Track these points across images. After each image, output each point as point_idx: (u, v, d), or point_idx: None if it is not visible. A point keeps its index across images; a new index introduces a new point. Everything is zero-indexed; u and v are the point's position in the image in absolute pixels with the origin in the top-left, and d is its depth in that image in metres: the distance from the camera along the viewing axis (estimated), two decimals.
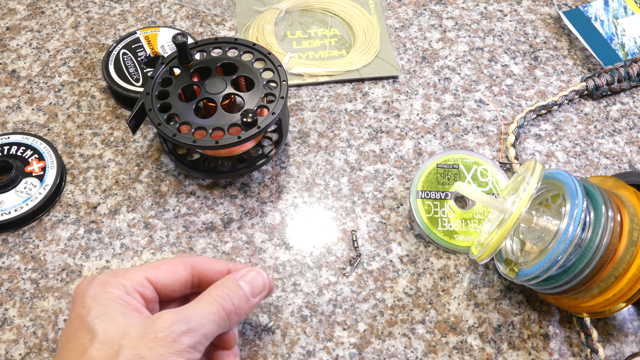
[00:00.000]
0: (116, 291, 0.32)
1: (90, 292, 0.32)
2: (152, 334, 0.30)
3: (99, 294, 0.32)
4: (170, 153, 0.48)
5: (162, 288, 0.35)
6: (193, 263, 0.36)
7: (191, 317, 0.32)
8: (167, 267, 0.35)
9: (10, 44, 0.58)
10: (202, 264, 0.36)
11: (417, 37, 0.59)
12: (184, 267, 0.36)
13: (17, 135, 0.50)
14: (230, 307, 0.34)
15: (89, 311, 0.31)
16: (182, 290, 0.36)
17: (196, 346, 0.31)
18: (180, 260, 0.36)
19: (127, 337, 0.30)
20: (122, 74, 0.53)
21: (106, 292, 0.32)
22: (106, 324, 0.31)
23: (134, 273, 0.34)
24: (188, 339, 0.31)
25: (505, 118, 0.54)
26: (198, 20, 0.60)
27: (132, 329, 0.30)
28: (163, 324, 0.31)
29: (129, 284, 0.33)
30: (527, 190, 0.37)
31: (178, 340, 0.30)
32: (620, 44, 0.58)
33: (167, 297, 0.36)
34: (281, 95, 0.45)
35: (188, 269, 0.36)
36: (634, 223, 0.37)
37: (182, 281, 0.35)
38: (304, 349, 0.42)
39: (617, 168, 0.51)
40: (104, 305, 0.32)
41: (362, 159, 0.51)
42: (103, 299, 0.32)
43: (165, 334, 0.30)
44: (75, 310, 0.32)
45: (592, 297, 0.38)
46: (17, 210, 0.46)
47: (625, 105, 0.55)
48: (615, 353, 0.42)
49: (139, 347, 0.30)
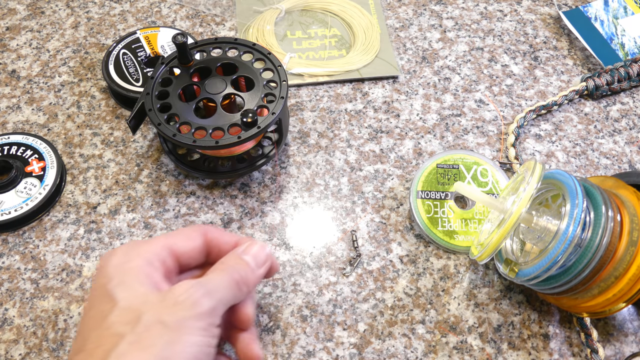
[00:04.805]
0: (138, 261, 0.33)
1: (113, 262, 0.33)
2: (172, 299, 0.31)
3: (121, 263, 0.33)
4: (170, 153, 0.48)
5: (181, 256, 0.35)
6: (206, 231, 0.37)
7: (207, 282, 0.33)
8: (184, 235, 0.36)
9: (10, 44, 0.58)
10: (213, 233, 0.37)
11: (417, 37, 0.59)
12: (199, 234, 0.37)
13: (17, 135, 0.50)
14: (238, 277, 0.34)
15: (110, 280, 0.32)
16: (198, 259, 0.37)
17: (215, 310, 0.32)
18: (194, 228, 0.37)
19: (148, 303, 0.31)
20: (122, 74, 0.53)
21: (128, 261, 0.33)
22: (127, 292, 0.31)
23: (155, 243, 0.35)
24: (207, 302, 0.31)
25: (505, 118, 0.54)
26: (198, 20, 0.60)
27: (152, 296, 0.31)
28: (181, 289, 0.31)
29: (151, 255, 0.34)
30: (527, 190, 0.37)
31: (198, 302, 0.31)
32: (620, 44, 0.58)
33: (185, 266, 0.36)
34: (281, 95, 0.45)
35: (202, 236, 0.37)
36: (634, 223, 0.37)
37: (198, 249, 0.36)
38: (304, 349, 0.42)
39: (617, 168, 0.51)
40: (125, 274, 0.32)
41: (362, 159, 0.51)
42: (124, 268, 0.33)
43: (185, 297, 0.31)
44: (97, 280, 0.33)
45: (592, 297, 0.38)
46: (17, 210, 0.46)
47: (625, 105, 0.55)
48: (615, 353, 0.42)
49: (160, 312, 0.30)
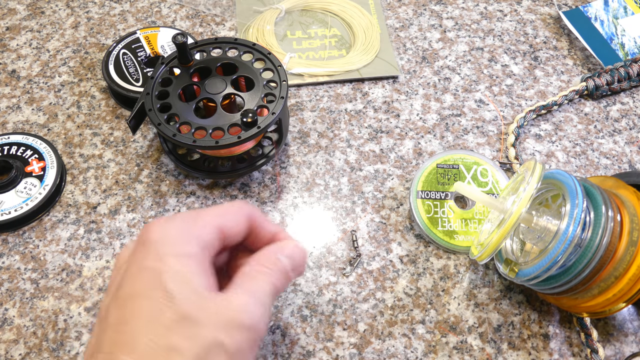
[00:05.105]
0: (194, 246, 0.30)
1: (168, 240, 0.30)
2: (229, 314, 0.29)
3: (177, 244, 0.30)
4: (170, 153, 0.48)
5: (226, 239, 0.33)
6: (251, 216, 0.35)
7: (262, 298, 0.31)
8: (233, 217, 0.33)
9: (10, 44, 0.58)
10: (257, 219, 0.35)
11: (417, 37, 0.59)
12: (245, 218, 0.34)
13: (17, 135, 0.50)
14: (278, 284, 0.33)
15: (168, 268, 0.29)
16: (238, 241, 0.35)
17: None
18: (242, 209, 0.34)
19: (204, 311, 0.29)
20: (122, 74, 0.53)
21: (185, 244, 0.30)
22: (184, 288, 0.29)
23: (208, 224, 0.32)
24: (266, 320, 0.30)
25: (505, 118, 0.54)
26: (198, 20, 0.60)
27: (209, 302, 0.29)
28: (239, 302, 0.30)
29: (205, 239, 0.31)
30: (527, 190, 0.37)
31: (257, 325, 0.30)
32: (620, 44, 0.58)
33: (225, 247, 0.35)
34: (281, 95, 0.45)
35: (248, 221, 0.34)
36: (634, 223, 0.37)
37: (242, 234, 0.34)
38: (304, 349, 0.42)
39: (617, 168, 0.51)
40: (183, 264, 0.29)
41: (362, 159, 0.51)
42: (181, 254, 0.30)
43: (246, 317, 0.29)
44: (148, 258, 0.30)
45: (592, 297, 0.38)
46: (17, 210, 0.46)
47: (625, 105, 0.55)
48: (615, 353, 0.42)
49: (219, 331, 0.29)
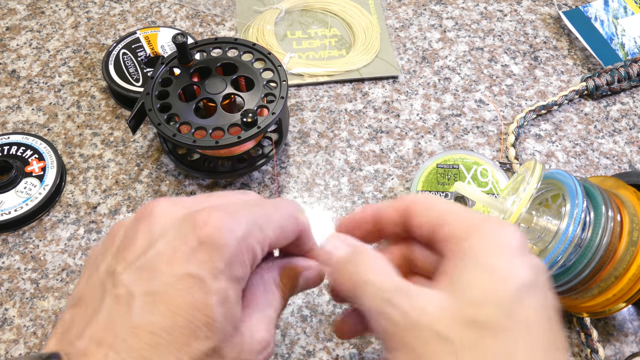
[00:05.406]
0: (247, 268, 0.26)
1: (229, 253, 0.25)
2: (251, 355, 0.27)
3: (235, 262, 0.25)
4: (170, 153, 0.48)
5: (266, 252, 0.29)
6: (301, 232, 0.31)
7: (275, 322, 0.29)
8: (283, 231, 0.29)
9: (10, 44, 0.58)
10: (305, 235, 0.31)
11: (417, 37, 0.59)
12: (294, 233, 0.30)
13: (17, 135, 0.50)
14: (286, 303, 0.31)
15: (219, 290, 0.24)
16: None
17: None
18: (292, 218, 0.30)
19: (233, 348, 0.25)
20: (122, 74, 0.53)
21: (241, 264, 0.25)
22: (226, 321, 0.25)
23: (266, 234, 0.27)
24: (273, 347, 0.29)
25: (505, 118, 0.54)
26: (198, 20, 0.60)
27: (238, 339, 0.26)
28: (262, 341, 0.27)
29: (258, 255, 0.27)
30: (527, 190, 0.37)
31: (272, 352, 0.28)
32: (620, 44, 0.58)
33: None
34: (281, 95, 0.45)
35: (298, 235, 0.30)
36: (634, 223, 0.37)
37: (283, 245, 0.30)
38: (304, 349, 0.42)
39: (617, 168, 0.51)
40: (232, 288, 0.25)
41: (362, 159, 0.51)
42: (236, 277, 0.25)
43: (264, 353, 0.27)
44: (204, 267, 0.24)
45: (592, 297, 0.38)
46: (17, 210, 0.46)
47: (625, 105, 0.55)
48: (615, 353, 0.42)
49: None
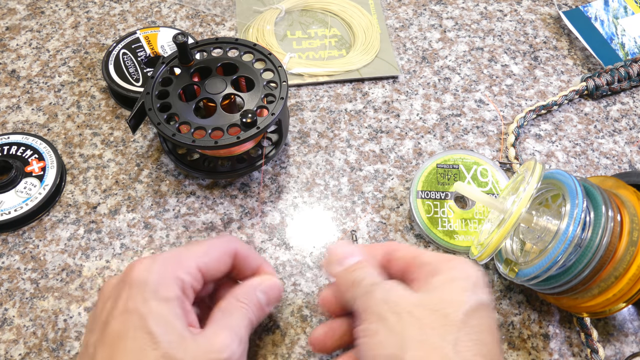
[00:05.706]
0: (175, 290, 0.31)
1: (151, 283, 0.31)
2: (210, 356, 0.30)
3: (160, 288, 0.31)
4: (170, 153, 0.48)
5: (208, 277, 0.35)
6: (236, 252, 0.36)
7: (238, 330, 0.33)
8: (216, 255, 0.35)
9: (10, 44, 0.58)
10: (242, 255, 0.36)
11: (417, 37, 0.59)
12: (230, 257, 0.35)
13: (17, 135, 0.50)
14: (253, 318, 0.35)
15: (151, 311, 0.30)
16: (221, 276, 0.36)
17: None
18: (226, 247, 0.35)
19: (186, 352, 0.30)
20: (122, 74, 0.53)
21: (167, 288, 0.31)
22: (167, 332, 0.30)
23: (189, 264, 0.33)
24: (243, 355, 0.32)
25: (505, 118, 0.54)
26: (198, 20, 0.60)
27: (191, 345, 0.30)
28: (221, 342, 0.31)
29: (186, 279, 0.32)
30: (527, 190, 0.37)
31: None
32: (620, 44, 0.58)
33: (210, 281, 0.36)
34: (281, 96, 0.45)
35: (232, 259, 0.36)
36: (634, 223, 0.37)
37: (225, 269, 0.35)
38: (304, 349, 0.41)
39: (617, 168, 0.51)
40: (165, 307, 0.31)
41: (362, 159, 0.51)
42: (164, 297, 0.31)
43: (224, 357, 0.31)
44: (133, 300, 0.31)
45: (592, 297, 0.38)
46: (17, 210, 0.46)
47: (625, 105, 0.55)
48: (615, 353, 0.42)
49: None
